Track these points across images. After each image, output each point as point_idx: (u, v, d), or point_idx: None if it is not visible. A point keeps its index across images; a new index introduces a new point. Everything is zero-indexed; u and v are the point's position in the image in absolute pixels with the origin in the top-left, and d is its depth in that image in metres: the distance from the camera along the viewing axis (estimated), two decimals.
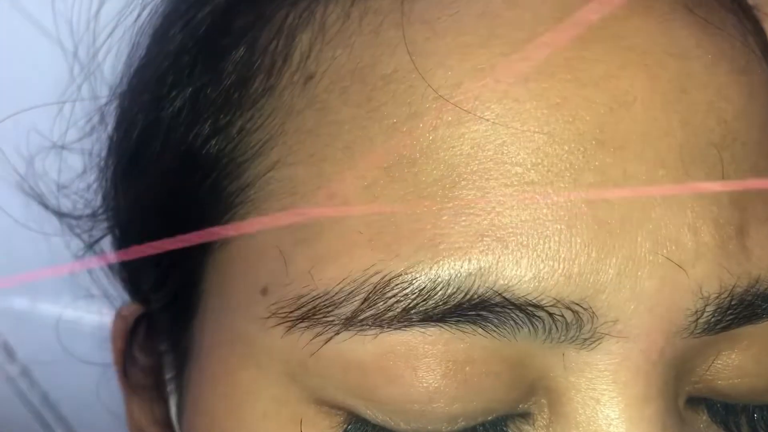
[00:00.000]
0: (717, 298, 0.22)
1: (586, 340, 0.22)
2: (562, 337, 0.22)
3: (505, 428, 0.23)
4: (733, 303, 0.22)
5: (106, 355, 0.34)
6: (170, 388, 0.31)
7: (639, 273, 0.21)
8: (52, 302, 0.47)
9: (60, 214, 0.34)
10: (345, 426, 0.23)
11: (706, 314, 0.22)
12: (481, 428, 0.22)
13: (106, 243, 0.34)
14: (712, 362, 0.23)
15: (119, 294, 0.36)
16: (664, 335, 0.22)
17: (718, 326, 0.22)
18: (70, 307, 0.44)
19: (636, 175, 0.22)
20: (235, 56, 0.26)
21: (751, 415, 0.24)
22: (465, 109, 0.22)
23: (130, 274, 0.33)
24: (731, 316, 0.22)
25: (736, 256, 0.22)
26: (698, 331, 0.22)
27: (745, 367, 0.23)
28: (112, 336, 0.34)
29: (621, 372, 0.22)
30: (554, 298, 0.21)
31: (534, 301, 0.21)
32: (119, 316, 0.34)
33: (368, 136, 0.23)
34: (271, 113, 0.24)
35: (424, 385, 0.22)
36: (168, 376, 0.31)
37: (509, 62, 0.22)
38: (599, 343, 0.22)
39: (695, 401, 0.24)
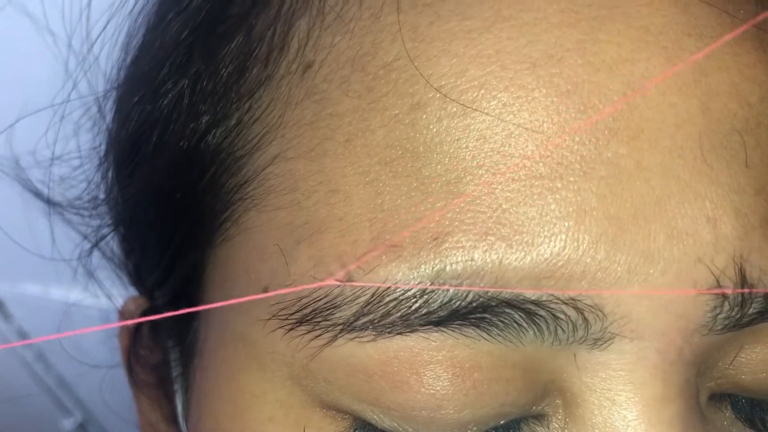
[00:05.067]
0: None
1: (597, 340, 0.21)
2: (571, 338, 0.21)
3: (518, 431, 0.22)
4: (757, 297, 0.21)
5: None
6: (177, 386, 0.30)
7: (651, 270, 0.20)
8: (64, 288, 0.47)
9: (62, 207, 0.33)
10: (351, 431, 0.22)
11: (725, 310, 0.21)
12: None
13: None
14: (735, 357, 0.22)
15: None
16: (682, 333, 0.21)
17: (741, 322, 0.21)
18: (83, 292, 0.43)
19: (650, 166, 0.21)
20: (231, 45, 0.25)
21: None
22: (468, 98, 0.21)
23: (135, 269, 0.33)
24: (754, 312, 0.21)
25: (760, 247, 0.21)
26: (718, 328, 0.21)
27: None
28: (118, 332, 0.34)
29: (637, 372, 0.21)
30: (552, 295, 0.20)
31: (531, 297, 0.20)
32: (123, 311, 0.33)
33: (370, 128, 0.22)
34: (269, 105, 0.24)
35: (431, 392, 0.21)
36: (175, 374, 0.30)
37: (516, 47, 0.21)
38: (611, 343, 0.21)
39: (718, 398, 0.23)
